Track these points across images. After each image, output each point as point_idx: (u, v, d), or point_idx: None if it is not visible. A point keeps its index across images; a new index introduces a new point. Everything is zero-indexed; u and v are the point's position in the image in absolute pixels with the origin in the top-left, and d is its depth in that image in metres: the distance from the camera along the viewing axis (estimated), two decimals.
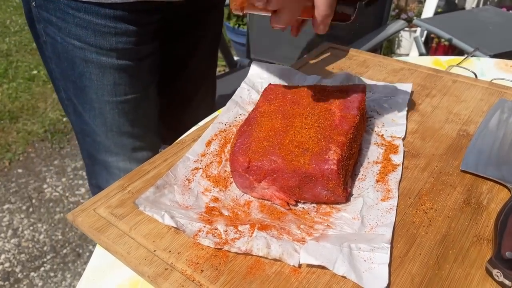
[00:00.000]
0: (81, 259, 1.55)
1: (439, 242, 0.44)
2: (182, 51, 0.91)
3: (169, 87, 0.96)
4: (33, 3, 0.71)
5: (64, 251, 1.58)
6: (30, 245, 1.61)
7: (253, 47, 1.75)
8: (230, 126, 0.63)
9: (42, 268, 1.52)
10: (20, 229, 1.67)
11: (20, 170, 1.96)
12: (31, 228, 1.68)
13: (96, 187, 0.93)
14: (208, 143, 0.60)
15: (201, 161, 0.57)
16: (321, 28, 0.48)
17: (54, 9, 0.69)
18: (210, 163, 0.56)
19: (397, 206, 0.48)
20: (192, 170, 0.55)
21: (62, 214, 1.73)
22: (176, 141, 0.63)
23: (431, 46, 2.66)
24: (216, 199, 0.50)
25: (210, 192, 0.52)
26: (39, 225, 1.69)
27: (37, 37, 0.76)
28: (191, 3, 0.79)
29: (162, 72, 0.91)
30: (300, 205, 0.49)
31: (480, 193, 0.50)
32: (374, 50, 1.22)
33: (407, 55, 2.76)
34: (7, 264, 1.53)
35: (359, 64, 0.79)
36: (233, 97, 0.69)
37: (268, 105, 0.57)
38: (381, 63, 0.79)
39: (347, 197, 0.49)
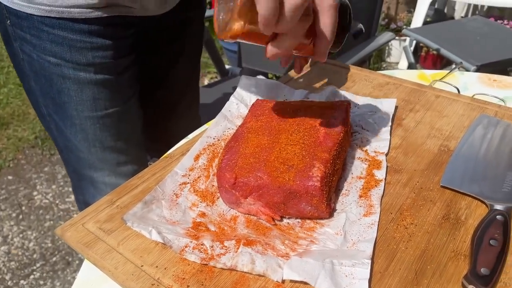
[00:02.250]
0: (71, 267, 1.55)
1: (418, 257, 0.46)
2: (162, 62, 0.91)
3: (151, 98, 0.96)
4: (8, 21, 0.71)
5: (54, 259, 1.58)
6: (20, 253, 1.60)
7: (245, 56, 1.77)
8: (219, 140, 0.65)
9: (32, 276, 1.52)
10: (10, 236, 1.67)
11: (10, 177, 1.96)
12: (21, 235, 1.67)
13: (83, 204, 0.93)
14: (197, 157, 0.61)
15: (189, 175, 0.58)
16: (323, 56, 0.49)
17: (28, 26, 0.69)
18: (198, 177, 0.57)
19: (378, 222, 0.49)
20: (180, 184, 0.56)
21: (52, 222, 1.73)
22: (165, 154, 0.64)
23: (420, 55, 2.70)
24: (203, 214, 0.52)
25: (197, 207, 0.53)
26: (29, 232, 1.69)
27: (14, 56, 0.76)
28: (167, 17, 0.80)
29: (143, 83, 0.91)
30: (285, 220, 0.51)
31: (459, 208, 0.52)
32: (363, 61, 1.24)
33: (397, 63, 2.80)
34: None
35: (345, 78, 0.81)
36: (222, 111, 0.70)
37: (255, 121, 0.58)
38: (367, 77, 0.81)
39: (330, 213, 0.50)
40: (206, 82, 2.72)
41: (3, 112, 2.36)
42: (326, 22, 0.45)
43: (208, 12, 1.64)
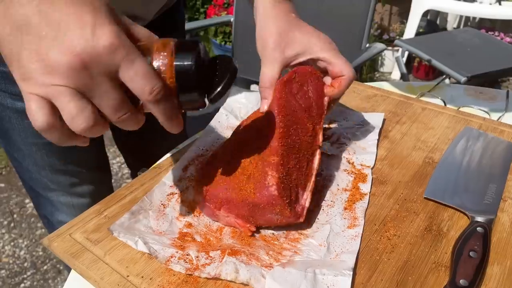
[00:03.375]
0: (62, 276, 1.54)
1: (400, 268, 0.47)
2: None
3: None
4: None
5: (45, 267, 1.57)
6: (11, 261, 1.59)
7: (238, 65, 1.78)
8: (208, 151, 0.65)
9: (22, 285, 1.51)
10: (1, 244, 1.66)
11: (2, 185, 1.95)
12: (12, 243, 1.66)
13: (44, 218, 0.91)
14: (185, 168, 0.62)
15: (177, 186, 0.59)
16: (172, 130, 0.43)
17: None
18: (186, 188, 0.58)
19: (362, 234, 0.50)
20: (168, 195, 0.57)
21: (43, 230, 1.72)
22: (154, 165, 0.64)
23: (413, 65, 2.73)
24: (189, 225, 0.52)
25: (184, 218, 0.53)
26: (20, 240, 1.68)
27: None
28: None
29: None
30: (269, 231, 0.51)
31: (441, 220, 0.53)
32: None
33: (390, 73, 2.83)
34: None
35: None
36: (211, 122, 0.71)
37: (240, 133, 0.59)
38: (355, 89, 0.82)
39: (300, 215, 0.49)
40: None
41: None
42: (155, 114, 0.39)
43: (200, 23, 1.65)
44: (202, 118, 1.38)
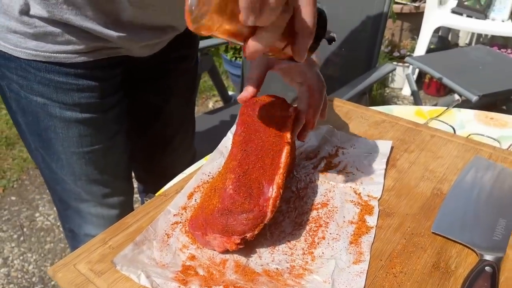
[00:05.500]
0: None
1: None
2: (153, 98, 0.92)
3: (146, 132, 0.97)
4: None
5: (53, 282, 1.57)
6: (19, 275, 1.60)
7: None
8: (213, 177, 0.65)
9: None
10: (10, 258, 1.67)
11: (13, 198, 1.97)
12: (21, 257, 1.68)
13: (69, 231, 0.93)
14: (190, 195, 0.62)
15: (182, 214, 0.59)
16: (302, 55, 0.46)
17: (16, 68, 0.70)
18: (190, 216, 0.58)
19: (367, 270, 0.49)
20: (172, 224, 0.57)
21: (52, 244, 1.73)
22: (159, 192, 0.64)
23: (423, 81, 2.71)
24: (193, 257, 0.52)
25: (187, 249, 0.53)
26: (29, 255, 1.69)
27: (2, 92, 0.77)
28: (157, 56, 0.81)
29: (136, 117, 0.92)
30: (273, 266, 0.51)
31: (449, 256, 0.52)
32: (363, 93, 1.25)
33: (400, 89, 2.81)
34: None
35: (342, 115, 0.82)
36: (218, 146, 0.71)
37: None
38: (363, 114, 0.82)
39: (264, 206, 0.50)
40: (210, 104, 2.75)
41: (9, 132, 2.39)
42: (306, 16, 0.43)
43: (210, 42, 1.66)
44: (212, 135, 1.39)
